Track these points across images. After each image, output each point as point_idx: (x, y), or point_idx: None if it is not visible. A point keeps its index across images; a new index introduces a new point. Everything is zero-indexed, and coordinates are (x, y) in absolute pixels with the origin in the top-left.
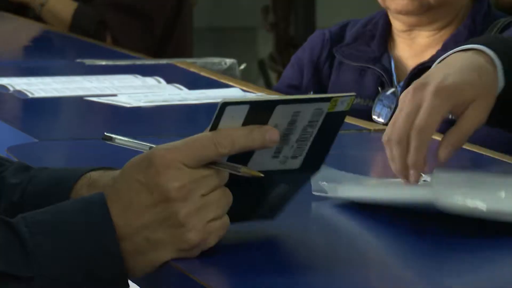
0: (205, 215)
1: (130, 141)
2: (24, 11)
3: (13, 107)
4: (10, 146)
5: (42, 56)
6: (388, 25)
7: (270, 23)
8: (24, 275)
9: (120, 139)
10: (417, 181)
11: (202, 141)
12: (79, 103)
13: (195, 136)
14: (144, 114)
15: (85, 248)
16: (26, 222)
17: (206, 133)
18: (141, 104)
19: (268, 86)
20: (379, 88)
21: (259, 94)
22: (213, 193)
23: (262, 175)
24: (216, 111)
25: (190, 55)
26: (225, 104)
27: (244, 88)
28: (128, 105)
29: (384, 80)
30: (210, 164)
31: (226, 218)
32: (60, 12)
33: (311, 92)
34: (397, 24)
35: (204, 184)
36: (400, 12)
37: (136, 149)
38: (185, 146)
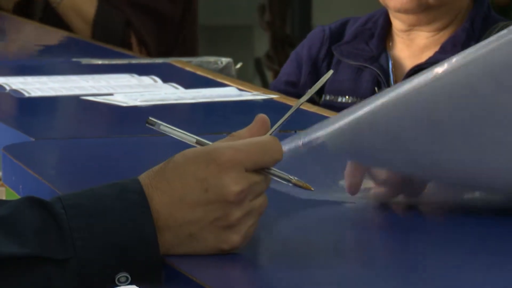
0: (249, 220)
1: (175, 130)
2: (30, 13)
3: (10, 106)
4: (6, 145)
5: (39, 55)
6: (388, 24)
7: (267, 22)
8: (59, 258)
9: (165, 126)
10: None
11: (263, 146)
12: (76, 102)
13: (256, 139)
14: (141, 113)
15: (120, 233)
16: (63, 204)
17: (265, 137)
18: (138, 103)
19: (265, 85)
20: (376, 88)
21: (255, 93)
22: (258, 199)
23: (313, 189)
24: (296, 108)
25: (197, 54)
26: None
27: (240, 87)
28: (124, 104)
29: (381, 80)
30: (262, 169)
31: (257, 223)
32: (82, 9)
33: (308, 90)
34: (396, 24)
35: (255, 189)
36: (398, 10)
37: (180, 138)
38: (247, 148)
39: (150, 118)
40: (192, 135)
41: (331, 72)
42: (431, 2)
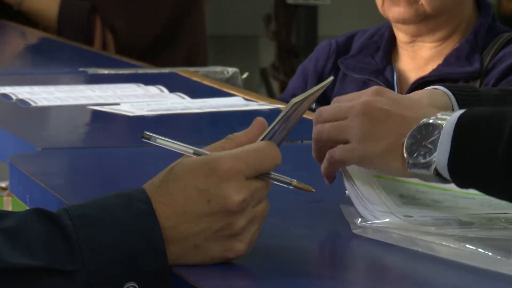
0: (253, 227)
1: (171, 142)
2: (31, 20)
3: (16, 116)
4: (13, 155)
5: (45, 65)
6: (393, 37)
7: (272, 32)
8: (68, 269)
9: (161, 139)
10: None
11: (262, 153)
12: (82, 112)
13: (253, 146)
14: (147, 123)
15: (128, 242)
16: (69, 216)
17: (262, 143)
18: (144, 113)
19: (270, 94)
20: None
21: (262, 103)
22: (260, 204)
23: (313, 190)
24: (286, 110)
25: (204, 64)
26: (294, 103)
27: (247, 97)
28: (131, 114)
29: None
30: (263, 175)
31: (261, 228)
32: (44, 6)
33: (314, 103)
34: (400, 36)
35: (256, 196)
36: (397, 21)
37: (177, 150)
38: (246, 156)
39: (146, 132)
40: (189, 146)
41: (331, 78)
42: (428, 11)
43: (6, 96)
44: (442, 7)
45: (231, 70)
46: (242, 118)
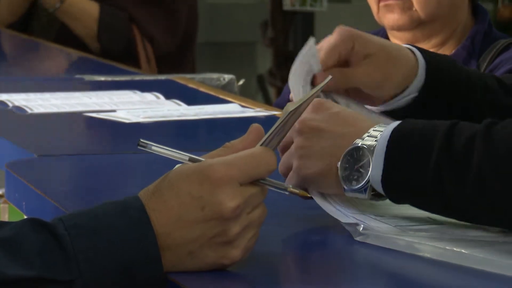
0: (248, 233)
1: (167, 150)
2: (28, 28)
3: (12, 123)
4: (9, 162)
5: (41, 72)
6: None
7: (269, 38)
8: (64, 279)
9: (157, 147)
10: None
11: (256, 158)
12: (78, 118)
13: (247, 152)
14: (143, 130)
15: (124, 251)
16: (65, 225)
17: (257, 149)
18: (140, 119)
19: (267, 101)
20: None
21: (258, 109)
22: (256, 210)
23: (309, 195)
24: (282, 118)
25: (192, 71)
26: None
27: (243, 104)
28: (127, 121)
29: None
30: (257, 181)
31: (258, 234)
32: (83, 11)
33: None
34: (395, 43)
35: (251, 202)
36: (392, 28)
37: (173, 158)
38: (240, 162)
39: (141, 140)
40: (184, 153)
41: (329, 77)
42: (422, 18)
43: (2, 103)
44: (436, 13)
45: (227, 76)
46: (238, 125)
